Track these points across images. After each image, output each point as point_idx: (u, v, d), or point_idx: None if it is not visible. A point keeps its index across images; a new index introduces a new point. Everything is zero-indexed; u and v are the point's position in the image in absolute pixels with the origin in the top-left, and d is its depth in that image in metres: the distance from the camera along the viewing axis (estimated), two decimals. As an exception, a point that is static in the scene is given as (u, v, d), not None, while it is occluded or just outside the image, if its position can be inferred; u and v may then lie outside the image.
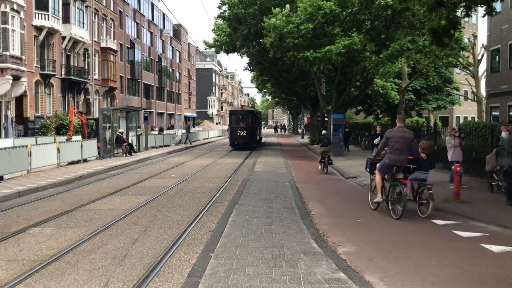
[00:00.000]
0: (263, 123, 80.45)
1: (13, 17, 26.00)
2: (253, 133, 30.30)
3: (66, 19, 32.36)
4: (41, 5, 29.52)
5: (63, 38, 32.39)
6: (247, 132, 29.19)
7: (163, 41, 60.31)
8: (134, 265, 5.63)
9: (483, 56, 33.16)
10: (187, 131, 35.58)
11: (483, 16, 12.27)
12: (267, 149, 30.48)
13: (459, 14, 11.59)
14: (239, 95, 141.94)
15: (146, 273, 5.29)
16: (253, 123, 30.07)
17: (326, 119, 28.77)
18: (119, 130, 22.28)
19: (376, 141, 16.40)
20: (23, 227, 7.66)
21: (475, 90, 35.16)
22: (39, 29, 29.56)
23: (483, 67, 33.64)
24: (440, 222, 8.13)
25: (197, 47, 71.06)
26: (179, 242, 6.66)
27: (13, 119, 27.15)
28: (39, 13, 29.42)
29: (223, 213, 8.54)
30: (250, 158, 22.65)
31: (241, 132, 29.25)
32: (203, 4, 75.92)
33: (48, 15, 29.82)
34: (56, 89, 32.02)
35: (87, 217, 8.47)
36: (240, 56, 33.93)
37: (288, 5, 23.33)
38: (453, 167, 10.16)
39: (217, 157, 22.95)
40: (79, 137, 21.30)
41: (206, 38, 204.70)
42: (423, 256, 6.04)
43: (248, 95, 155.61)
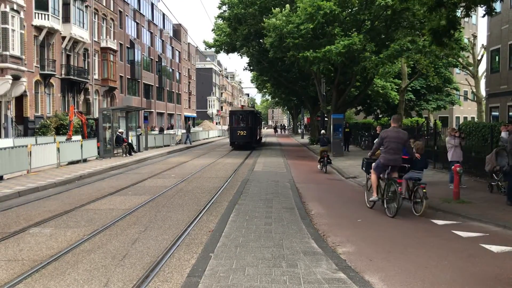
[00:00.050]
0: (263, 123, 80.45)
1: (13, 17, 26.00)
2: (253, 133, 30.42)
3: (66, 19, 32.37)
4: (41, 5, 29.51)
5: (63, 38, 32.39)
6: (247, 132, 29.31)
7: (163, 41, 60.31)
8: (134, 265, 5.63)
9: (483, 56, 33.14)
10: (187, 131, 35.60)
11: (483, 16, 12.30)
12: (267, 149, 30.50)
13: (459, 14, 11.60)
14: (239, 95, 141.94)
15: (146, 273, 5.29)
16: (253, 123, 30.17)
17: (326, 119, 28.76)
18: (119, 130, 22.28)
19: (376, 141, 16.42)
20: (23, 227, 7.66)
21: (475, 90, 35.14)
22: (39, 29, 29.56)
23: (483, 67, 33.68)
24: (439, 222, 8.13)
25: (197, 47, 71.10)
26: (179, 242, 6.66)
27: (13, 119, 27.14)
28: (39, 13, 29.41)
29: (223, 213, 8.54)
30: (250, 158, 22.66)
31: (241, 132, 29.35)
32: (203, 4, 76.00)
33: (48, 15, 29.81)
34: (56, 89, 32.02)
35: (87, 217, 8.47)
36: (240, 56, 33.99)
37: (288, 5, 23.36)
38: (453, 167, 10.16)
39: (217, 157, 22.96)
40: (79, 137, 21.30)
41: (206, 38, 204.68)
42: (423, 256, 6.04)
43: (248, 95, 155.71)
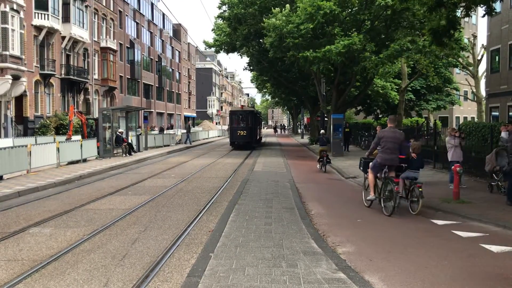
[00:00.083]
0: (263, 123, 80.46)
1: (12, 16, 25.99)
2: (253, 133, 30.49)
3: (66, 19, 32.35)
4: (41, 4, 29.49)
5: (63, 38, 32.37)
6: (247, 132, 29.37)
7: (163, 41, 60.30)
8: (133, 265, 5.63)
9: (483, 56, 33.13)
10: (187, 131, 35.61)
11: (483, 16, 12.30)
12: (267, 149, 30.51)
13: (459, 14, 11.60)
14: (239, 95, 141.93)
15: (145, 273, 5.29)
16: (253, 123, 30.22)
17: (326, 119, 28.77)
18: (119, 130, 22.28)
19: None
20: (22, 226, 7.66)
21: (475, 90, 35.13)
22: (38, 28, 29.54)
23: (483, 67, 33.67)
24: (439, 222, 8.14)
25: (197, 47, 71.12)
26: (179, 242, 6.66)
27: (13, 119, 27.14)
28: (38, 13, 29.40)
29: (223, 213, 8.54)
30: (250, 158, 22.66)
31: (241, 132, 29.41)
32: (203, 4, 76.01)
33: (48, 14, 29.80)
34: (55, 89, 32.00)
35: (87, 217, 8.47)
36: (240, 56, 34.02)
37: (288, 5, 23.36)
38: (453, 167, 10.16)
39: (217, 157, 22.96)
40: (79, 137, 21.30)
41: (206, 38, 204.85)
42: (423, 256, 6.04)
43: (248, 95, 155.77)
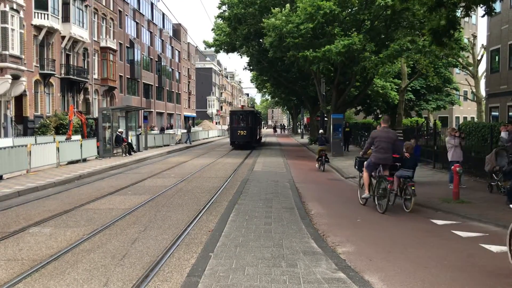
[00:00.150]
0: (262, 123, 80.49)
1: (12, 16, 25.98)
2: (253, 133, 30.55)
3: (65, 19, 32.34)
4: (41, 4, 29.49)
5: (63, 37, 32.36)
6: (247, 131, 29.42)
7: (162, 40, 60.28)
8: (133, 265, 5.62)
9: (482, 56, 33.13)
10: (188, 131, 35.63)
11: (483, 16, 12.30)
12: (267, 149, 30.52)
13: (459, 14, 11.60)
14: (238, 95, 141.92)
15: (145, 273, 5.29)
16: (253, 123, 30.26)
17: (325, 119, 28.77)
18: (119, 129, 22.28)
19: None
20: (22, 226, 7.65)
21: (474, 90, 35.13)
22: (38, 28, 29.54)
23: (482, 67, 33.67)
24: (439, 222, 8.14)
25: (197, 47, 71.15)
26: (179, 241, 6.65)
27: (13, 119, 27.13)
28: (38, 13, 29.40)
29: (223, 213, 8.54)
30: (249, 158, 22.66)
31: (241, 131, 29.47)
32: (203, 4, 76.01)
33: (47, 14, 29.79)
34: (55, 89, 32.00)
35: (87, 216, 8.47)
36: (240, 56, 34.01)
37: (288, 5, 23.36)
38: (453, 167, 10.16)
39: (217, 157, 22.95)
40: (79, 137, 21.30)
41: (206, 38, 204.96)
42: (423, 256, 6.04)
43: (247, 95, 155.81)
